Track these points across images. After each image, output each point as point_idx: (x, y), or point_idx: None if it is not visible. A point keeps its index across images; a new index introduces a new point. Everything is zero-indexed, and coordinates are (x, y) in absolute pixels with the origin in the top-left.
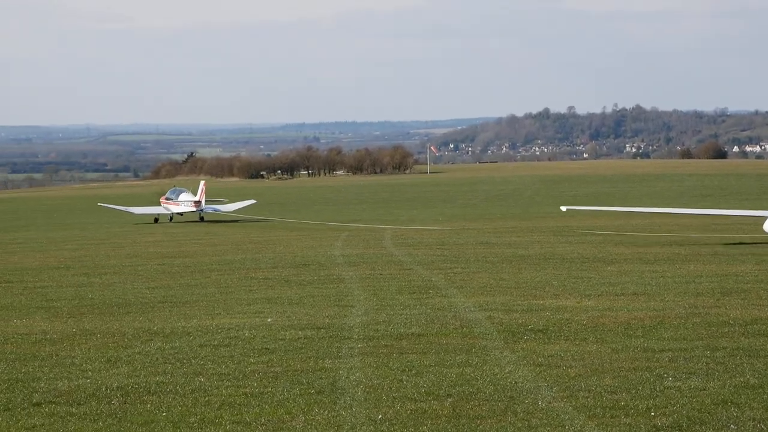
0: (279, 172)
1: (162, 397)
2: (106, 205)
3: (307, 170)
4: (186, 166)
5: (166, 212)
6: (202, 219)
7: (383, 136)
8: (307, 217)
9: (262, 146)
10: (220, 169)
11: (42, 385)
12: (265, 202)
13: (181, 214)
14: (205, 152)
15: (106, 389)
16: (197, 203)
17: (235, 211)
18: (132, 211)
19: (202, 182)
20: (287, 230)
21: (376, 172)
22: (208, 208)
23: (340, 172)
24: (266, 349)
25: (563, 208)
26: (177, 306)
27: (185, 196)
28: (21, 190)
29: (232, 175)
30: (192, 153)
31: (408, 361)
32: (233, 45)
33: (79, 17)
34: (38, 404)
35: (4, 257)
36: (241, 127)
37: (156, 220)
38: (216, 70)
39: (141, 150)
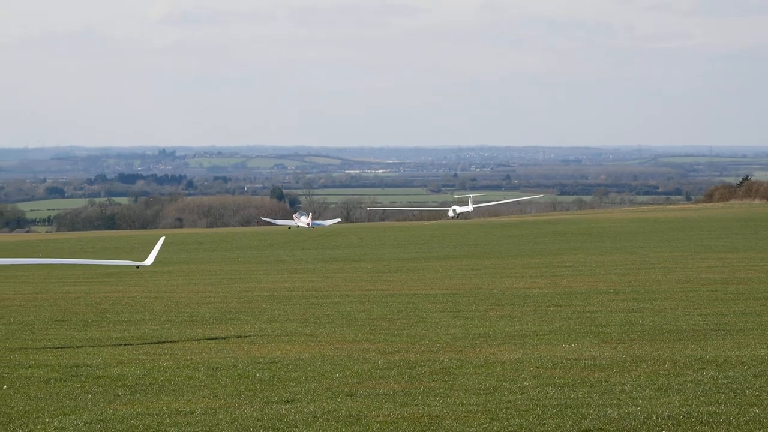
0: None
1: (714, 427)
2: (266, 219)
3: None
4: (740, 190)
5: (294, 224)
6: (312, 228)
7: None
8: None
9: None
10: None
11: (591, 411)
12: None
13: (301, 226)
14: (761, 175)
15: (657, 418)
16: (308, 223)
17: (330, 225)
18: (276, 223)
19: (311, 213)
20: None
21: None
22: (315, 223)
23: None
24: None
25: None
26: (730, 334)
27: (304, 219)
28: (570, 212)
29: None
30: (747, 176)
31: None
32: None
33: (636, 37)
34: (587, 431)
35: (553, 280)
36: None
37: (289, 228)
38: None
39: (693, 172)
